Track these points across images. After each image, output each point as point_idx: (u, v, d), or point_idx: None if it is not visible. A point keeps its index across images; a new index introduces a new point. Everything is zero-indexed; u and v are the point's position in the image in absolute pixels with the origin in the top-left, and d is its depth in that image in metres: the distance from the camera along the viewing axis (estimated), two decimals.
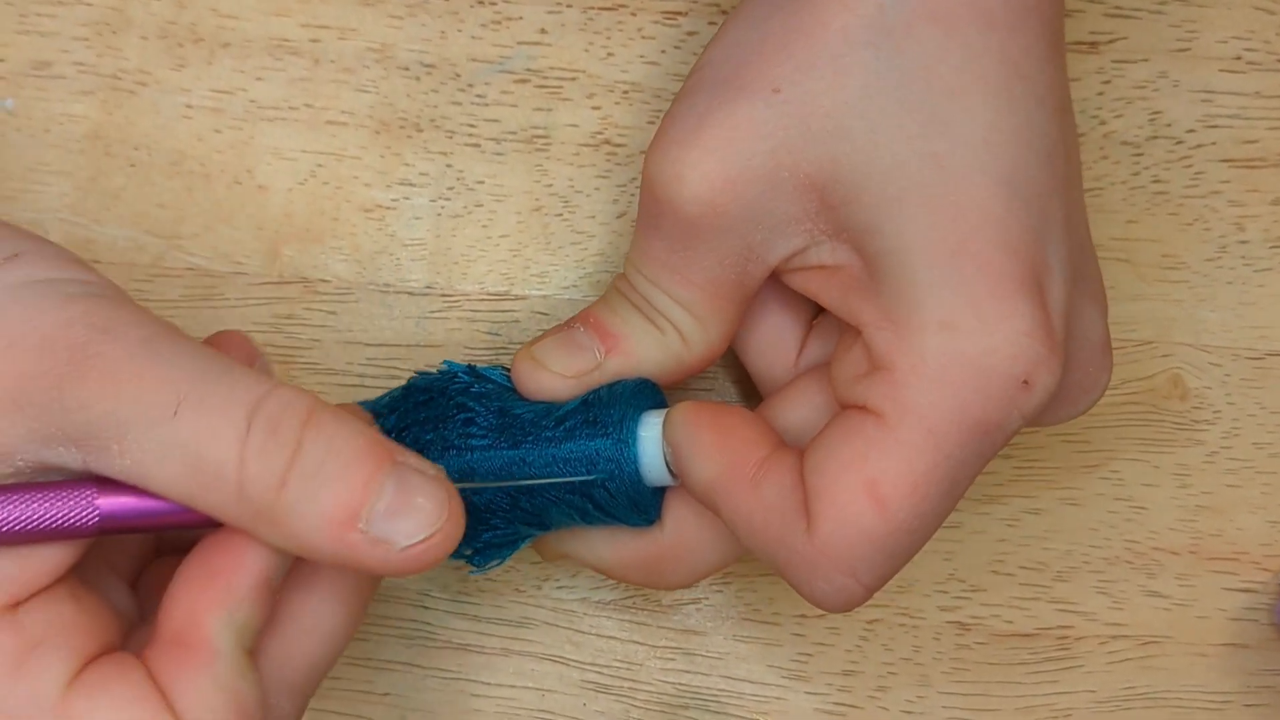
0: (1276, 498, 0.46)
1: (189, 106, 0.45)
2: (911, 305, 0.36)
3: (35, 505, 0.33)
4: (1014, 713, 0.46)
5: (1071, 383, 0.38)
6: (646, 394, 0.40)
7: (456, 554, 0.40)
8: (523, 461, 0.39)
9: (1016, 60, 0.36)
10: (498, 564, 0.41)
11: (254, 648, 0.34)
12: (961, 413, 0.35)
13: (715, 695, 0.46)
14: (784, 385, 0.41)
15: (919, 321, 0.35)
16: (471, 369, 0.41)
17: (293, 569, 0.36)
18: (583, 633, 0.46)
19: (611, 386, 0.40)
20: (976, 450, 0.36)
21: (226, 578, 0.34)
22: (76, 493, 0.33)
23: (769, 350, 0.42)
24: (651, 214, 0.39)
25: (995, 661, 0.46)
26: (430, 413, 0.40)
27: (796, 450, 0.38)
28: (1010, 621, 0.46)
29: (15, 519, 0.33)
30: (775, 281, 0.40)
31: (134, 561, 0.38)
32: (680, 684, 0.46)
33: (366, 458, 0.34)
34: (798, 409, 0.40)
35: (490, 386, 0.41)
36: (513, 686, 0.45)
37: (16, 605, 0.33)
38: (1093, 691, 0.46)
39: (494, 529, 0.40)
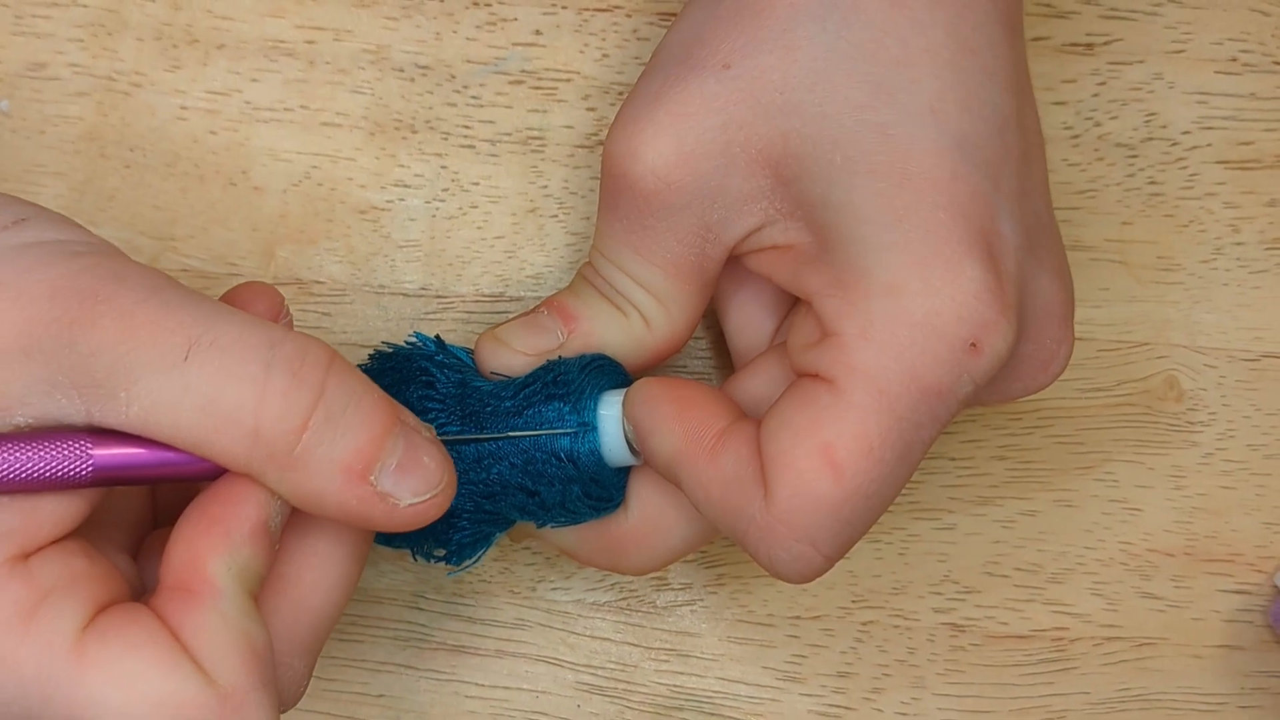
0: (1271, 499, 0.46)
1: (184, 108, 0.45)
2: (859, 271, 0.36)
3: (31, 453, 0.33)
4: (1008, 714, 0.46)
5: (1027, 354, 0.38)
6: (608, 371, 0.40)
7: (430, 555, 0.41)
8: (480, 430, 0.39)
9: (965, 35, 0.36)
10: (473, 563, 0.41)
11: (258, 596, 0.35)
12: (911, 375, 0.35)
13: (710, 697, 0.46)
14: (747, 360, 0.42)
15: (866, 286, 0.36)
16: (439, 340, 0.41)
17: (291, 526, 0.36)
18: (577, 634, 0.46)
19: (571, 360, 0.40)
20: (929, 414, 0.36)
21: (225, 523, 0.34)
22: (72, 442, 0.33)
23: (747, 330, 0.42)
24: (611, 193, 0.39)
25: (990, 663, 0.46)
26: (393, 379, 0.40)
27: (755, 421, 0.38)
28: (1005, 623, 0.46)
29: (10, 466, 0.33)
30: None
31: (134, 534, 0.38)
32: (675, 685, 0.46)
33: (382, 412, 0.34)
34: (758, 382, 0.40)
35: (454, 360, 0.41)
36: (507, 688, 0.45)
37: (27, 556, 0.33)
38: (1087, 693, 0.46)
39: (462, 530, 0.40)
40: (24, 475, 0.33)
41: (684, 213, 0.38)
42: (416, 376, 0.40)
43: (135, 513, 0.38)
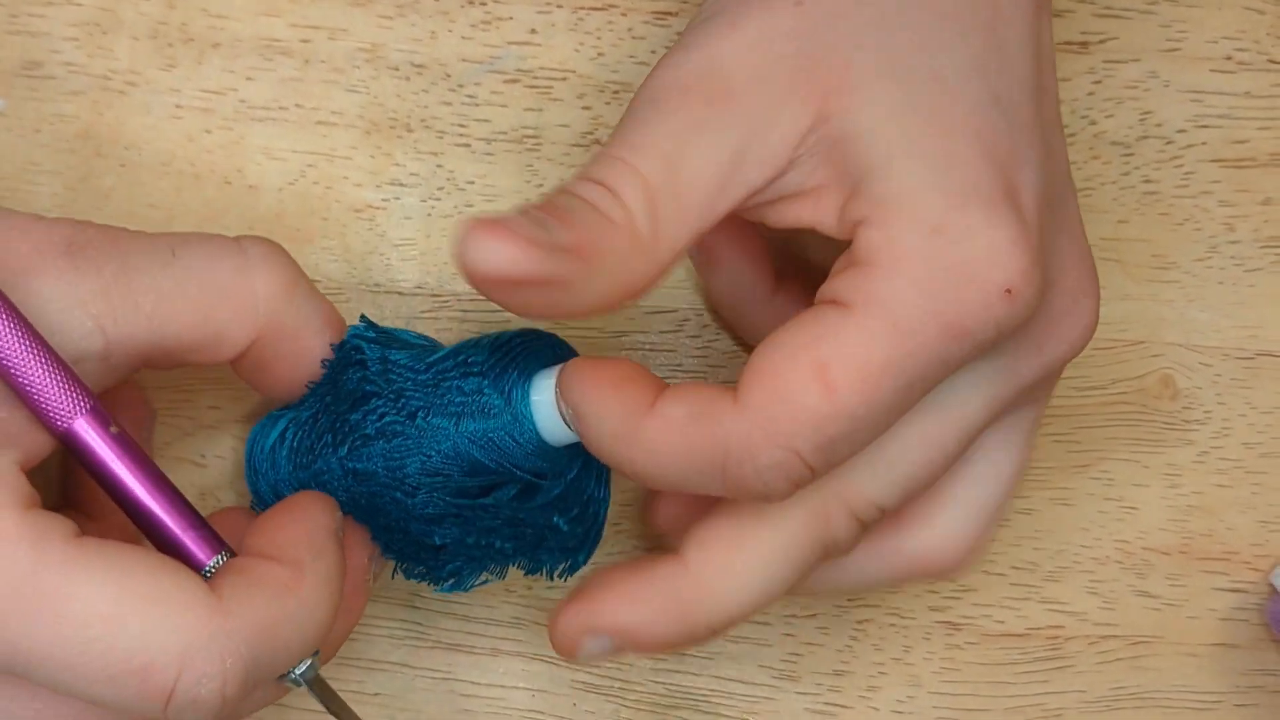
0: (1267, 497, 0.46)
1: (179, 107, 0.45)
2: (902, 206, 0.35)
3: (40, 369, 0.35)
4: (1004, 713, 0.46)
5: (1047, 319, 0.38)
6: (520, 350, 0.40)
7: (418, 578, 0.42)
8: (407, 402, 0.40)
9: (999, 4, 0.37)
10: (459, 589, 0.42)
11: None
12: (935, 313, 0.35)
13: (705, 695, 0.46)
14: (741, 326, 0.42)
15: (908, 221, 0.35)
16: (367, 321, 0.41)
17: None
18: None
19: (484, 339, 0.40)
20: (942, 354, 0.35)
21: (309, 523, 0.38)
22: (77, 391, 0.35)
23: (743, 293, 0.43)
24: (656, 100, 0.36)
25: (985, 661, 0.46)
26: (337, 365, 0.40)
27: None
28: (1001, 621, 0.46)
29: (16, 363, 0.34)
30: (742, 227, 0.40)
31: None
32: (670, 684, 0.46)
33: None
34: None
35: (382, 336, 0.41)
36: (503, 686, 0.45)
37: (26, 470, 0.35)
38: (1083, 692, 0.46)
39: (456, 560, 0.41)
40: (22, 379, 0.35)
41: (727, 132, 0.36)
42: (351, 356, 0.40)
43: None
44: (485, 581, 0.42)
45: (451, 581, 0.41)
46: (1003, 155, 0.36)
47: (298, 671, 0.36)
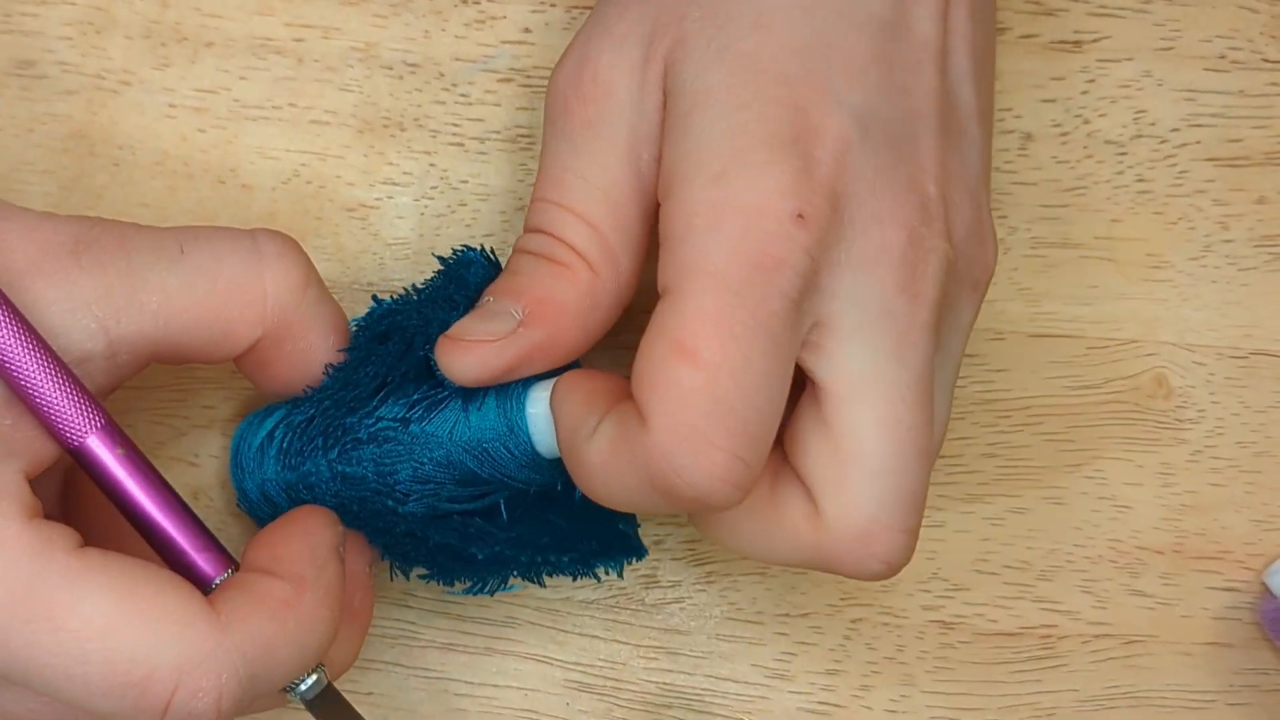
0: (1260, 497, 0.46)
1: (173, 106, 0.45)
2: (694, 163, 0.36)
3: (53, 385, 0.35)
4: (997, 712, 0.46)
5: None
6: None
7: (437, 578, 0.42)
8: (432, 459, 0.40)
9: None
10: (475, 591, 0.42)
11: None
12: (737, 251, 0.35)
13: (699, 694, 0.46)
14: None
15: (691, 176, 0.36)
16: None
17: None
18: (566, 632, 0.46)
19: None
20: (766, 286, 0.35)
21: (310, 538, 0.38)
22: (90, 408, 0.35)
23: None
24: (556, 118, 0.39)
25: (979, 661, 0.46)
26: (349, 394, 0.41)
27: None
28: (994, 621, 0.46)
29: (33, 383, 0.34)
30: None
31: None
32: (664, 683, 0.46)
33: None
34: None
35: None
36: (496, 686, 0.45)
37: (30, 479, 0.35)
38: (1076, 691, 0.46)
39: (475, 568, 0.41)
40: (36, 396, 0.34)
41: (618, 124, 0.38)
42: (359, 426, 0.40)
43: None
44: (512, 588, 0.42)
45: (473, 586, 0.42)
46: (805, 97, 0.36)
47: (302, 688, 0.36)
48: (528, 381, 0.40)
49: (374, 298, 0.41)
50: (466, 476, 0.40)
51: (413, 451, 0.39)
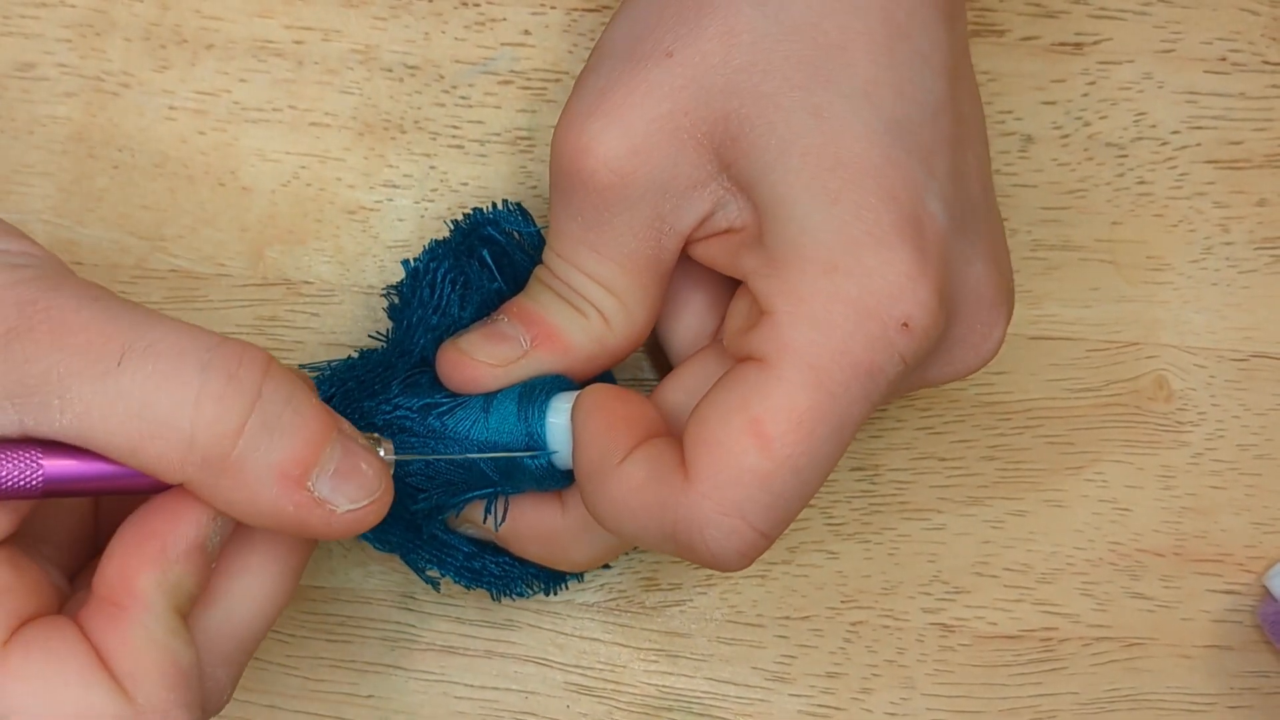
0: (1261, 500, 0.46)
1: (172, 108, 0.45)
2: (794, 251, 0.36)
3: None
4: (998, 714, 0.46)
5: (958, 336, 0.39)
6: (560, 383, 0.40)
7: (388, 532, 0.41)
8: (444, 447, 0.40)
9: (900, 21, 0.37)
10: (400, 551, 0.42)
11: (189, 614, 0.34)
12: (842, 352, 0.35)
13: (699, 697, 0.46)
14: (682, 360, 0.42)
15: (801, 265, 0.36)
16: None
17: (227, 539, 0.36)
18: (566, 635, 0.46)
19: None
20: (860, 391, 0.36)
21: (162, 538, 0.34)
22: (22, 453, 0.33)
23: (687, 330, 0.42)
24: (563, 191, 0.39)
25: (979, 663, 0.46)
26: (361, 389, 0.40)
27: (673, 436, 0.38)
28: (994, 623, 0.46)
29: None
30: (692, 266, 0.41)
31: (71, 551, 0.38)
32: (664, 686, 0.46)
33: (320, 418, 0.34)
34: (690, 381, 0.40)
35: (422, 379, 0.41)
36: (496, 688, 0.45)
37: None
38: (1076, 693, 0.46)
39: (420, 502, 0.41)
40: None
41: (638, 205, 0.38)
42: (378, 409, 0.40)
43: (73, 530, 0.38)
44: (523, 594, 0.43)
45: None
46: (898, 184, 0.36)
47: None
48: (551, 389, 0.40)
49: (411, 260, 0.42)
50: (477, 476, 0.40)
51: (427, 445, 0.39)
